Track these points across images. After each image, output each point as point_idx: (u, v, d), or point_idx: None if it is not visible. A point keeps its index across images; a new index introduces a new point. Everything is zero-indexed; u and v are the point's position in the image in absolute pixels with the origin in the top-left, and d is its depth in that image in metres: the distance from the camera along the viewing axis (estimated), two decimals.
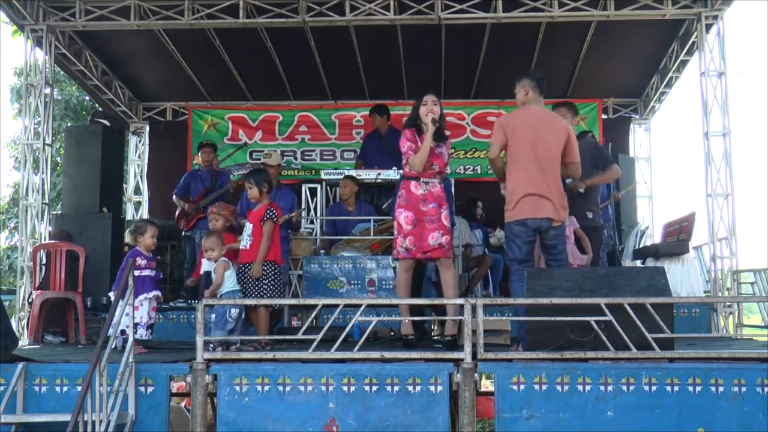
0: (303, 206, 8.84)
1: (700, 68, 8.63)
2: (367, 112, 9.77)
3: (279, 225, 6.27)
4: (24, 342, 7.16)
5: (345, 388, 4.61)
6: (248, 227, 5.95)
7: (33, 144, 8.78)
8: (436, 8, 8.40)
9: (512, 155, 5.46)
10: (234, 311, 5.41)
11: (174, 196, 8.81)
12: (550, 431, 4.50)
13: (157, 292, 5.91)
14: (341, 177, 8.63)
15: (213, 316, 5.37)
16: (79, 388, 4.41)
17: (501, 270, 8.86)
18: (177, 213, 8.76)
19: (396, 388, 4.59)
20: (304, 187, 9.05)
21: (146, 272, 5.78)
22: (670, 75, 10.25)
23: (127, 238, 6.20)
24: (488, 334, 5.45)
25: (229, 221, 6.48)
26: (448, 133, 5.93)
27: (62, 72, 10.93)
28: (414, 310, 5.85)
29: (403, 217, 5.57)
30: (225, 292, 5.51)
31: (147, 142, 11.92)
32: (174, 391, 8.04)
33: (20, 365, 4.71)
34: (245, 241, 5.92)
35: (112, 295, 5.82)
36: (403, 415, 4.57)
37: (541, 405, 4.52)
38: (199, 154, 9.01)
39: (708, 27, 8.53)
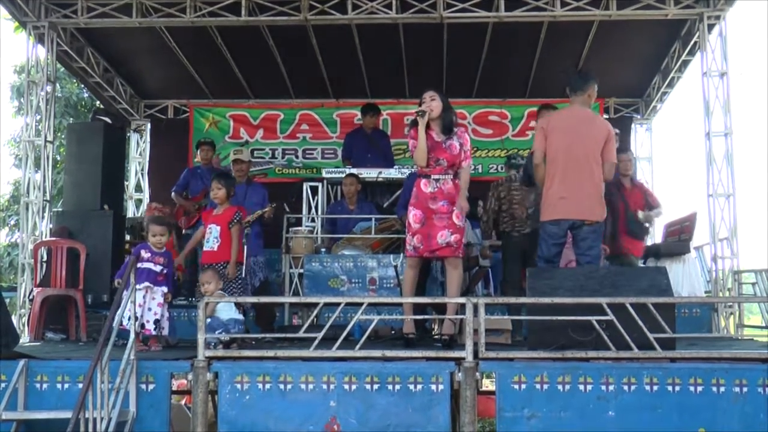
0: (305, 204, 8.86)
1: (701, 68, 8.63)
2: (360, 111, 9.76)
3: (251, 222, 6.78)
4: (25, 339, 7.16)
5: (346, 386, 4.61)
6: (215, 230, 6.15)
7: (34, 141, 8.77)
8: (439, 7, 8.40)
9: (549, 155, 5.51)
10: (233, 330, 5.40)
11: (172, 193, 8.79)
12: (551, 431, 4.50)
13: (161, 288, 5.81)
14: (343, 175, 8.63)
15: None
16: (80, 386, 4.41)
17: (501, 270, 8.86)
18: (176, 210, 8.74)
19: (397, 387, 4.59)
20: (306, 186, 9.07)
21: (146, 265, 5.75)
22: (671, 75, 10.24)
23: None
24: (489, 334, 5.44)
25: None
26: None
27: (63, 69, 10.94)
28: (416, 308, 5.84)
29: (412, 215, 5.55)
30: (227, 319, 5.44)
31: (148, 139, 11.93)
32: (174, 388, 8.04)
33: (21, 362, 4.70)
34: (211, 243, 6.14)
35: (116, 282, 5.84)
36: (404, 414, 4.57)
37: (543, 404, 4.52)
38: (198, 152, 9.00)
39: (710, 27, 8.53)
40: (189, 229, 8.56)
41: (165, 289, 5.84)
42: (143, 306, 5.66)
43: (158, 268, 5.79)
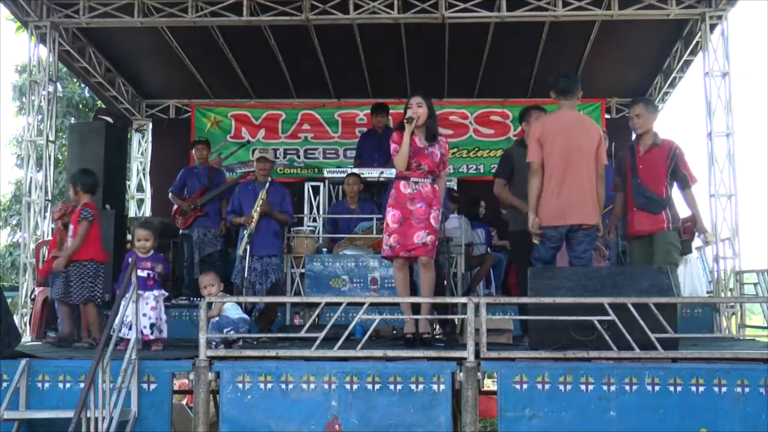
0: (306, 204, 8.85)
1: (703, 68, 8.63)
2: (370, 111, 9.77)
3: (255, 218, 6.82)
4: (26, 339, 7.17)
5: (348, 386, 4.61)
6: (70, 229, 6.29)
7: (36, 141, 8.78)
8: (440, 7, 8.40)
9: (548, 162, 5.46)
10: (242, 329, 5.45)
11: (170, 194, 8.78)
12: (552, 431, 4.49)
13: (152, 292, 5.73)
14: (344, 175, 8.63)
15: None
16: (82, 385, 4.42)
17: (503, 269, 8.88)
18: (173, 210, 8.73)
19: (399, 387, 4.59)
20: (307, 186, 9.08)
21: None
22: (673, 75, 10.25)
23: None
24: (490, 333, 5.44)
25: (63, 219, 6.73)
26: (451, 132, 5.87)
27: (65, 69, 10.95)
28: (415, 308, 5.85)
29: (390, 215, 5.57)
30: (236, 318, 5.47)
31: (150, 139, 11.95)
32: (175, 388, 8.05)
33: (23, 362, 4.71)
34: (69, 241, 6.29)
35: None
36: (405, 414, 4.57)
37: (544, 404, 4.52)
38: (194, 152, 9.00)
39: (712, 27, 8.54)
40: (186, 229, 8.56)
41: (156, 292, 5.76)
42: (153, 317, 5.65)
43: (145, 273, 5.72)
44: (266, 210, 7.00)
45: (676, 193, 6.24)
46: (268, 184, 7.12)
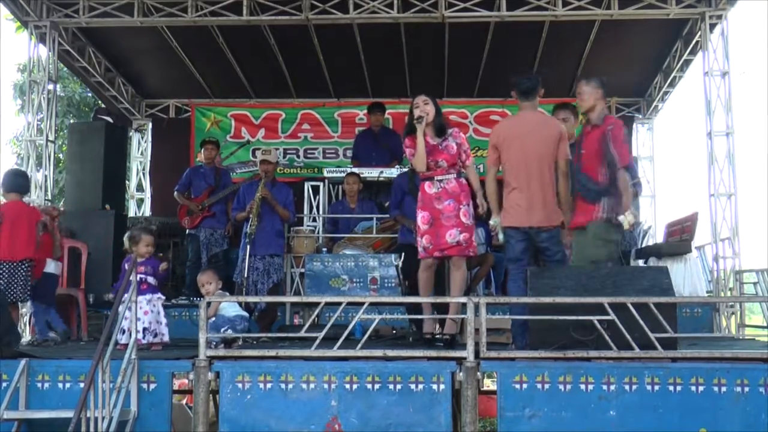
0: (306, 204, 8.84)
1: (703, 68, 8.63)
2: (367, 110, 9.77)
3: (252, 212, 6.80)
4: (26, 338, 7.16)
5: (347, 386, 4.61)
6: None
7: (36, 140, 8.78)
8: (440, 6, 8.41)
9: (504, 164, 5.49)
10: (239, 327, 5.46)
11: (175, 192, 8.77)
12: (552, 430, 4.49)
13: (145, 296, 5.66)
14: (344, 175, 8.64)
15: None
16: (82, 385, 4.42)
17: (503, 269, 8.85)
18: (179, 210, 8.72)
19: (398, 387, 4.59)
20: (307, 185, 9.08)
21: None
22: (673, 74, 10.25)
23: (126, 243, 6.13)
24: (490, 333, 5.43)
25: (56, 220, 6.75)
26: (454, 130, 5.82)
27: (65, 68, 10.94)
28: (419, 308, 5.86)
29: (420, 217, 5.60)
30: (233, 316, 5.48)
31: (150, 139, 11.95)
32: (175, 388, 8.04)
33: (23, 361, 4.71)
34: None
35: (111, 295, 5.85)
36: (405, 414, 4.57)
37: (544, 404, 4.52)
38: (202, 151, 8.99)
39: (712, 26, 8.54)
40: (192, 230, 8.55)
41: (149, 296, 5.70)
42: (144, 320, 5.61)
43: (139, 278, 5.66)
44: (266, 195, 6.99)
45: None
46: (263, 180, 7.12)
